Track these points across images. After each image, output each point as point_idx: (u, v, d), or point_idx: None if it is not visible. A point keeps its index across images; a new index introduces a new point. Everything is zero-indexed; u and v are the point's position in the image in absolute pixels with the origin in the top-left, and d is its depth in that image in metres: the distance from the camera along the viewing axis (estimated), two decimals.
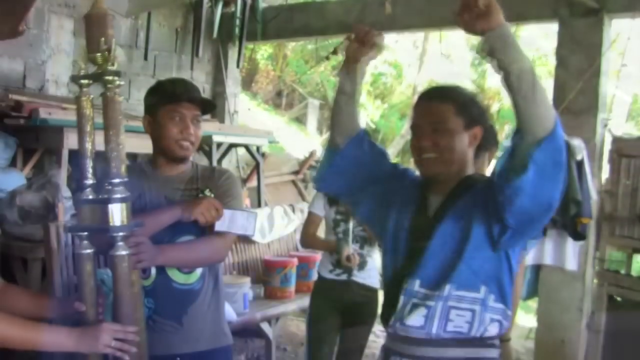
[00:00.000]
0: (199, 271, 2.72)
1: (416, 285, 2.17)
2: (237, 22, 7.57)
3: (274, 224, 5.97)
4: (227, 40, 7.79)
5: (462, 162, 2.21)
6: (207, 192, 2.77)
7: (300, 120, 18.35)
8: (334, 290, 4.11)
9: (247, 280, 5.08)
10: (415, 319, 2.14)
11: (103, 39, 2.01)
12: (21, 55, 6.11)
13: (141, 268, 2.36)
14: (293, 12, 7.23)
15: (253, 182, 7.59)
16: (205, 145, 6.80)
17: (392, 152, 16.08)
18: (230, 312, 4.65)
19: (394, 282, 2.26)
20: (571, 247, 5.07)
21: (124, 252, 2.08)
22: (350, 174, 2.41)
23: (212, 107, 2.93)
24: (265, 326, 5.08)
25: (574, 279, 5.29)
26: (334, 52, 2.61)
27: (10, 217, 5.06)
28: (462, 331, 2.11)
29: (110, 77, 2.01)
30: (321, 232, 4.37)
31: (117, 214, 2.05)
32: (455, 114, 2.17)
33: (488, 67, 18.33)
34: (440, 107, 2.20)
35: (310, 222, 4.25)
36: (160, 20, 7.30)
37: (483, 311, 2.11)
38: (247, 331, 5.42)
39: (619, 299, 5.32)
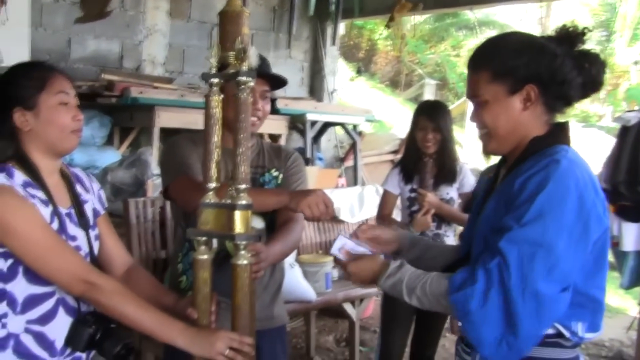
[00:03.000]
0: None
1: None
2: None
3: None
4: (324, 18, 7.69)
5: (520, 131, 1.86)
6: (274, 172, 2.72)
7: (417, 100, 18.08)
8: None
9: (329, 259, 4.96)
10: None
11: (239, 37, 1.91)
12: (118, 36, 6.26)
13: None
14: None
15: (350, 162, 7.49)
16: (300, 124, 6.77)
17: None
18: (309, 291, 4.57)
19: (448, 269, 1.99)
20: None
21: (245, 262, 1.98)
22: None
23: (283, 82, 2.82)
24: (348, 307, 4.96)
25: None
26: (391, 19, 2.47)
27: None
28: None
29: (244, 78, 1.91)
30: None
31: (241, 221, 1.95)
32: (490, 80, 1.84)
33: (615, 43, 17.59)
34: (474, 78, 1.89)
35: (385, 202, 4.08)
36: (257, 0, 7.29)
37: None
38: (334, 311, 5.34)
39: None
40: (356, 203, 5.87)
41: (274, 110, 6.49)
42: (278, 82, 2.74)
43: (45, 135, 2.04)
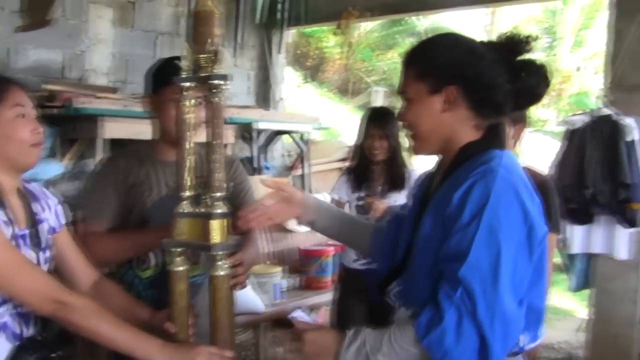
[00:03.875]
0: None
1: (393, 292, 1.90)
2: (280, 6, 7.42)
3: None
4: (272, 26, 7.65)
5: (443, 133, 1.82)
6: None
7: (366, 107, 18.12)
8: (358, 280, 3.91)
9: (278, 270, 4.94)
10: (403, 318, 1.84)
11: (210, 40, 1.83)
12: (60, 45, 6.11)
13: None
14: None
15: (299, 170, 7.45)
16: (247, 133, 6.71)
17: None
18: (257, 303, 4.52)
19: (386, 278, 1.97)
20: (622, 235, 4.72)
21: (223, 273, 1.91)
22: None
23: None
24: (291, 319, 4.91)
25: (629, 269, 4.92)
26: (339, 27, 2.45)
27: None
28: None
29: (216, 82, 1.83)
30: None
31: (218, 230, 1.87)
32: (415, 79, 1.82)
33: (560, 49, 17.90)
34: (403, 74, 1.87)
35: None
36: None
37: None
38: (285, 322, 5.28)
39: None
40: None
41: None
42: None
43: (4, 150, 1.96)
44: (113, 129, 5.54)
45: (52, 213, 2.18)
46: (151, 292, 2.55)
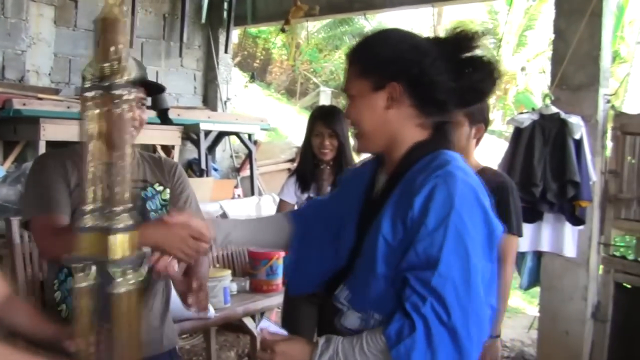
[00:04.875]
0: (144, 270, 2.49)
1: (343, 296, 1.83)
2: (226, 6, 7.34)
3: (261, 214, 5.72)
4: (217, 25, 7.56)
5: (387, 131, 1.79)
6: (158, 187, 2.57)
7: (313, 108, 18.14)
8: None
9: (227, 273, 4.82)
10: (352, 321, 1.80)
11: (113, 48, 1.72)
12: None
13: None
14: None
15: (246, 171, 7.37)
16: (193, 134, 6.61)
17: None
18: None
19: (331, 281, 1.90)
20: (569, 232, 4.75)
21: (124, 289, 1.81)
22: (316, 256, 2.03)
23: (159, 90, 2.67)
24: (248, 321, 4.82)
25: (578, 266, 4.97)
26: (286, 23, 2.38)
27: None
28: None
29: (118, 92, 1.72)
30: None
31: (119, 246, 1.77)
32: (359, 75, 1.79)
33: (502, 49, 18.13)
34: (347, 71, 1.84)
35: (280, 211, 3.99)
36: (147, 6, 7.09)
37: None
38: (235, 326, 5.20)
39: (628, 286, 5.00)
40: (253, 213, 5.76)
41: (167, 121, 6.30)
42: (154, 88, 2.60)
43: None
44: (55, 131, 5.39)
45: None
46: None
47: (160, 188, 2.57)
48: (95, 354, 1.94)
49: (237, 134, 7.22)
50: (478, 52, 1.79)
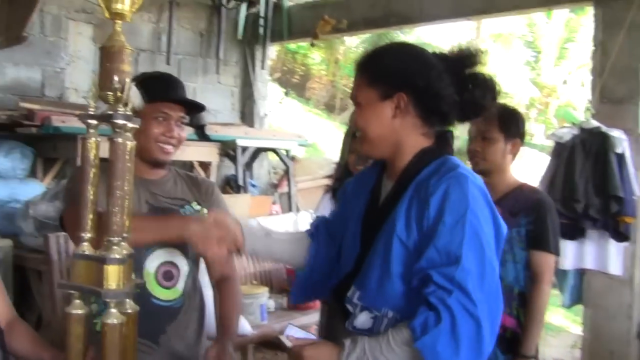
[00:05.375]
0: (180, 287, 2.49)
1: (355, 296, 1.90)
2: (262, 22, 7.36)
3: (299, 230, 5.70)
4: (253, 42, 7.58)
5: (392, 138, 1.89)
6: (196, 205, 2.56)
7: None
8: None
9: (264, 290, 4.82)
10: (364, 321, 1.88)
11: (116, 77, 1.71)
12: (39, 63, 6.01)
13: None
14: (318, 10, 6.91)
15: (284, 187, 7.35)
16: (231, 150, 6.62)
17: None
18: (243, 324, 4.40)
19: (339, 286, 1.99)
20: (614, 249, 4.63)
21: (115, 321, 1.79)
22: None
23: (199, 108, 2.66)
24: (285, 339, 4.80)
25: (622, 284, 4.85)
26: (315, 37, 2.39)
27: (25, 228, 4.93)
28: None
29: (119, 121, 1.71)
30: None
31: (112, 276, 1.75)
32: (368, 84, 1.89)
33: (542, 62, 17.95)
34: (357, 80, 1.94)
35: None
36: (183, 24, 7.13)
37: None
38: (273, 343, 5.17)
39: None
40: (291, 230, 5.73)
41: (204, 137, 6.32)
42: (194, 107, 2.60)
43: None
44: None
45: None
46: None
47: (198, 207, 2.56)
48: None
49: (274, 150, 7.21)
50: (479, 69, 1.91)
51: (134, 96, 1.70)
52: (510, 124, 3.06)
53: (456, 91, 1.85)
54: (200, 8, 7.27)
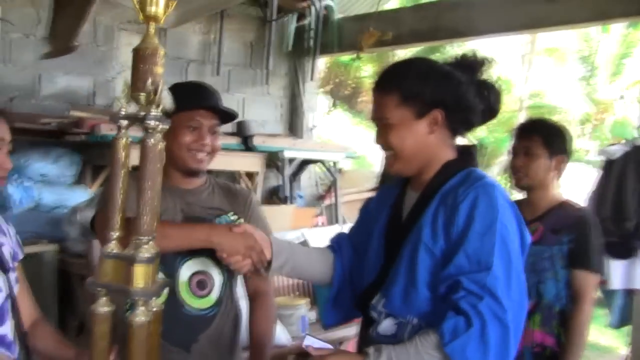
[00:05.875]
0: (214, 296, 2.50)
1: (380, 304, 1.95)
2: (311, 34, 7.37)
3: None
4: (302, 54, 7.59)
5: (426, 153, 1.96)
6: (232, 216, 2.57)
7: None
8: None
9: (304, 302, 4.81)
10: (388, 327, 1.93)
11: (150, 79, 1.74)
12: (89, 72, 6.09)
13: None
14: (367, 22, 6.90)
15: (330, 199, 7.33)
16: (277, 161, 6.63)
17: (497, 169, 15.61)
18: (282, 335, 4.41)
19: (363, 295, 2.05)
20: None
21: (143, 319, 1.81)
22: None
23: (232, 117, 2.66)
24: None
25: None
26: (360, 49, 2.40)
27: (72, 233, 4.99)
28: None
29: (151, 122, 1.73)
30: None
31: (140, 275, 1.76)
32: (399, 104, 1.92)
33: (598, 78, 17.66)
34: (381, 101, 1.97)
35: None
36: (233, 35, 7.16)
37: None
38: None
39: None
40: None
41: (251, 148, 6.34)
42: (228, 115, 2.60)
43: None
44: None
45: (11, 239, 2.19)
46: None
47: (234, 217, 2.56)
48: None
49: (321, 162, 7.20)
50: (486, 75, 2.02)
51: (166, 99, 1.72)
52: (554, 140, 3.02)
53: (478, 100, 1.94)
54: (249, 20, 7.30)
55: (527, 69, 17.13)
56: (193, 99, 2.45)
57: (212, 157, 2.51)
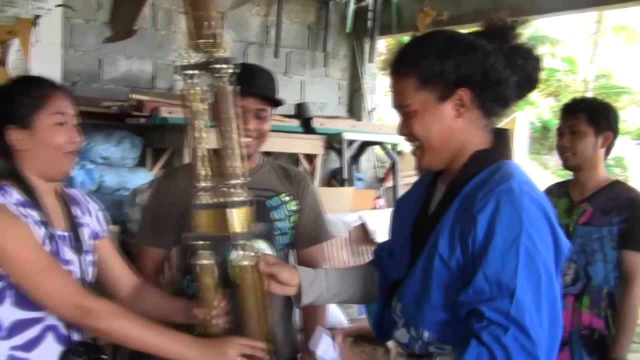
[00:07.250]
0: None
1: (397, 308, 1.80)
2: (370, 15, 7.31)
3: None
4: (362, 35, 7.53)
5: (456, 141, 1.70)
6: (284, 197, 2.56)
7: None
8: None
9: None
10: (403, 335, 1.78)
11: (206, 22, 1.74)
12: (150, 56, 6.18)
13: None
14: (427, 3, 6.79)
15: (390, 182, 7.28)
16: (337, 143, 6.61)
17: None
18: (339, 317, 4.42)
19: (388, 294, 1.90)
20: None
21: (247, 262, 1.82)
22: None
23: (277, 103, 2.61)
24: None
25: None
26: (416, 29, 2.32)
27: (132, 215, 5.06)
28: None
29: (219, 66, 1.73)
30: None
31: (238, 219, 1.76)
32: (418, 87, 1.67)
33: None
34: (399, 85, 1.72)
35: None
36: (292, 17, 7.15)
37: None
38: (371, 338, 5.15)
39: None
40: None
41: (310, 130, 6.34)
42: (274, 101, 2.56)
43: (39, 155, 1.97)
44: None
45: (93, 218, 2.22)
46: None
47: (287, 198, 2.55)
48: (222, 322, 1.97)
49: (381, 144, 7.15)
50: (519, 41, 1.72)
51: (229, 41, 1.71)
52: (599, 117, 2.96)
53: (510, 71, 1.67)
54: (308, 1, 7.27)
55: (594, 49, 16.73)
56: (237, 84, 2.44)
57: (260, 141, 2.49)
